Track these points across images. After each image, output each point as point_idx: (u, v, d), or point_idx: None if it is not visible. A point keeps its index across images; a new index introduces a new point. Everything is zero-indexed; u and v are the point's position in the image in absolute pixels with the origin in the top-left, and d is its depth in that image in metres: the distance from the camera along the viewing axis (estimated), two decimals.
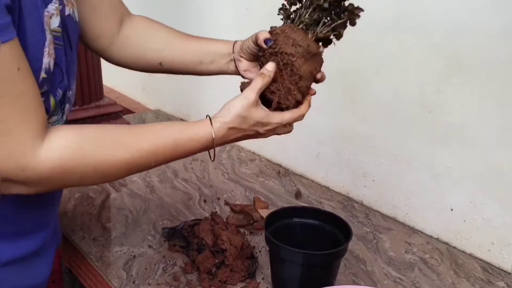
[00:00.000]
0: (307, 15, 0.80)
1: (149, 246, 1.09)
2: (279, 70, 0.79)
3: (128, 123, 1.62)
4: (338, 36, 0.84)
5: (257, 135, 0.81)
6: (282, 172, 1.51)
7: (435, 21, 1.08)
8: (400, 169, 1.23)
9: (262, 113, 0.78)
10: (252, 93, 0.77)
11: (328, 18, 0.81)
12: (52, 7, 0.67)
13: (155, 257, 1.05)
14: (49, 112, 0.70)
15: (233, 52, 0.89)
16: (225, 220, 1.10)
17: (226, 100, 0.81)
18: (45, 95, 0.67)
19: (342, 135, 1.36)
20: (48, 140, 0.62)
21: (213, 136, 0.75)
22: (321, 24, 0.80)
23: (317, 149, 1.44)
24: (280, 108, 0.81)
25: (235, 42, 0.90)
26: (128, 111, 2.16)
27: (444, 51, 1.08)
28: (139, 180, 1.40)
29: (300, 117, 0.83)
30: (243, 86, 0.80)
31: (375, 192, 1.31)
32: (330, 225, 0.97)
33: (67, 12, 0.74)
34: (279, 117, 0.80)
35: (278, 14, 0.84)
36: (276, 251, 0.90)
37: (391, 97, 1.21)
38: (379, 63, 1.21)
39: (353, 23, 0.82)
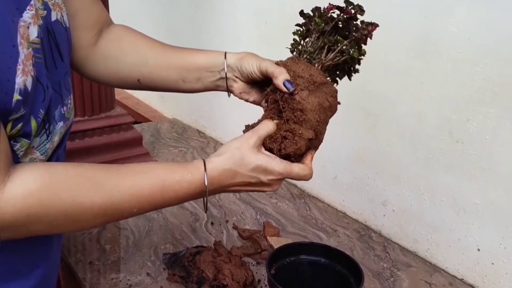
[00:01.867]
0: (310, 44, 0.72)
1: (147, 274, 1.02)
2: (282, 111, 0.69)
3: (140, 134, 1.56)
4: (354, 60, 0.74)
5: (261, 185, 0.69)
6: (296, 194, 1.43)
7: (466, 43, 0.98)
8: (422, 200, 1.13)
9: (264, 158, 0.67)
10: (253, 135, 0.67)
11: (333, 42, 0.72)
12: (28, 15, 0.57)
13: (152, 287, 0.98)
14: (30, 137, 0.62)
15: (225, 68, 0.76)
16: (229, 250, 1.03)
17: (244, 112, 0.71)
18: (23, 118, 0.58)
19: (361, 159, 1.27)
20: (11, 182, 0.54)
21: (206, 176, 0.65)
22: (325, 51, 0.72)
23: (334, 171, 1.35)
24: (287, 155, 0.69)
25: (226, 54, 0.77)
26: (145, 119, 2.12)
27: (475, 76, 0.97)
28: None
29: (308, 172, 0.70)
30: (246, 130, 0.71)
31: (395, 223, 1.21)
32: (340, 265, 0.89)
33: (53, 18, 0.65)
34: (287, 167, 0.68)
35: (290, 50, 0.75)
36: None
37: (415, 122, 1.11)
38: (404, 85, 1.12)
39: (360, 42, 0.72)
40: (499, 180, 0.98)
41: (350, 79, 0.78)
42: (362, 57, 0.75)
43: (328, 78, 0.73)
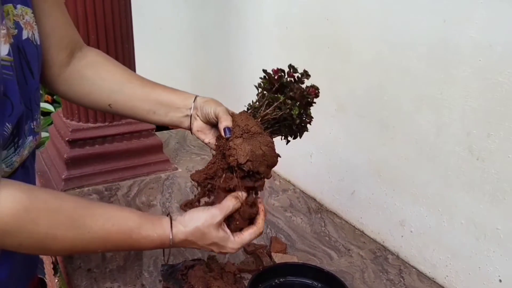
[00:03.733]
0: (256, 101, 0.80)
1: (142, 285, 1.00)
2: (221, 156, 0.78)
3: (160, 141, 1.55)
4: (293, 118, 0.79)
5: (211, 250, 0.78)
6: (314, 208, 1.36)
7: (487, 50, 0.88)
8: (441, 222, 1.03)
9: (222, 236, 0.75)
10: (220, 213, 0.74)
11: (273, 99, 0.79)
12: None
13: None
14: None
15: (192, 108, 0.83)
16: (222, 266, 0.98)
17: None
18: None
19: (378, 173, 1.18)
20: None
21: (171, 240, 0.73)
22: (265, 106, 0.79)
23: (352, 186, 1.27)
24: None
25: (196, 97, 0.84)
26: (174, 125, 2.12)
27: (497, 87, 0.87)
28: (158, 205, 1.33)
29: (260, 233, 0.80)
30: (197, 173, 0.79)
31: (412, 245, 1.12)
32: None
33: (24, 36, 0.68)
34: (238, 240, 0.77)
35: (246, 108, 0.83)
36: None
37: (434, 136, 1.01)
38: (422, 95, 1.02)
39: (297, 101, 0.79)
40: None
41: (299, 137, 0.84)
42: (308, 119, 0.81)
43: (272, 134, 0.80)
